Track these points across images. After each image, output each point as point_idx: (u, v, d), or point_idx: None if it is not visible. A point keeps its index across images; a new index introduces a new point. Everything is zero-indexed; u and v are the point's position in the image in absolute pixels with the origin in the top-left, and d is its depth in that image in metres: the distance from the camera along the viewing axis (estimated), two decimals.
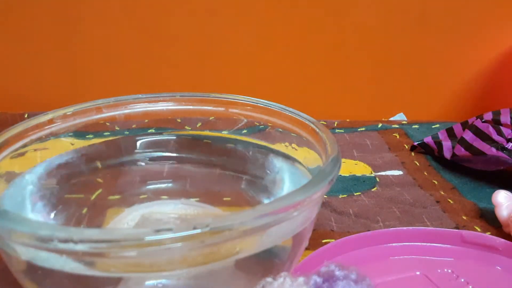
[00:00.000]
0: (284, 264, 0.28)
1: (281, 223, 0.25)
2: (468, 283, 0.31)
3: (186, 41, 0.65)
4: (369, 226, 0.39)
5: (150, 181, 0.38)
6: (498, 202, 0.38)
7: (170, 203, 0.37)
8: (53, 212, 0.33)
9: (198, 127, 0.41)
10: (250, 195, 0.37)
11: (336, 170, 0.28)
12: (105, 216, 0.36)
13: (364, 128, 0.59)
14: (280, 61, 0.67)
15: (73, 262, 0.23)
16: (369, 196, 0.44)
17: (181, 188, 0.39)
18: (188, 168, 0.40)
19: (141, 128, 0.40)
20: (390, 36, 0.66)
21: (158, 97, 0.39)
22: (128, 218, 0.35)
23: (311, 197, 0.25)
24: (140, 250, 0.22)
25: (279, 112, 0.36)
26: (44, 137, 0.35)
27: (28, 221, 0.23)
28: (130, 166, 0.39)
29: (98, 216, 0.36)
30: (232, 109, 0.39)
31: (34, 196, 0.33)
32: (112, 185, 0.38)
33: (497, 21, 0.66)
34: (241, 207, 0.37)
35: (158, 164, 0.39)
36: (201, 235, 0.22)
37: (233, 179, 0.39)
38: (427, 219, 0.40)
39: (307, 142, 0.34)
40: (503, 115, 0.48)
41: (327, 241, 0.36)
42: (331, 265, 0.24)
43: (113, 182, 0.38)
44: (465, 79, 0.69)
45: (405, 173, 0.49)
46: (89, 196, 0.36)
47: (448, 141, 0.51)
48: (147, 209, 0.36)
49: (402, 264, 0.33)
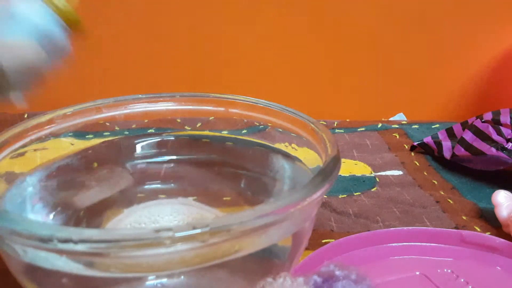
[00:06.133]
0: (284, 264, 0.28)
1: (281, 223, 0.25)
2: (468, 283, 0.31)
3: (186, 41, 0.65)
4: (369, 226, 0.39)
5: (148, 182, 0.38)
6: (498, 202, 0.38)
7: (168, 203, 0.37)
8: (52, 213, 0.33)
9: (198, 127, 0.41)
10: (249, 194, 0.37)
11: (336, 170, 0.28)
12: (104, 217, 0.36)
13: (364, 128, 0.59)
14: (280, 61, 0.67)
15: (73, 262, 0.23)
16: (369, 196, 0.44)
17: (180, 188, 0.38)
18: (187, 168, 0.40)
19: (141, 128, 0.40)
20: (390, 36, 0.66)
21: (158, 97, 0.39)
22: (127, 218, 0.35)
23: (311, 197, 0.25)
24: (140, 250, 0.22)
25: (279, 112, 0.36)
26: (44, 137, 0.35)
27: (28, 221, 0.23)
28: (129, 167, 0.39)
29: (97, 217, 0.36)
30: (232, 109, 0.39)
31: (34, 197, 0.33)
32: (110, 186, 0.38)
33: (497, 21, 0.66)
34: (240, 206, 0.37)
35: (156, 164, 0.39)
36: (201, 235, 0.22)
37: (232, 178, 0.39)
38: (427, 219, 0.40)
39: (307, 142, 0.34)
40: (503, 115, 0.48)
41: (327, 241, 0.36)
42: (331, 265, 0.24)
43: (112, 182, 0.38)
44: (465, 79, 0.69)
45: (405, 173, 0.49)
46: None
47: (448, 141, 0.51)
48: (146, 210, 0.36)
49: (402, 264, 0.33)
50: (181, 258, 0.23)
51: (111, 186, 0.37)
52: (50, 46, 0.21)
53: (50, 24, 0.21)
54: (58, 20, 0.22)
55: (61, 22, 0.22)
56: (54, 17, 0.22)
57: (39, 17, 0.21)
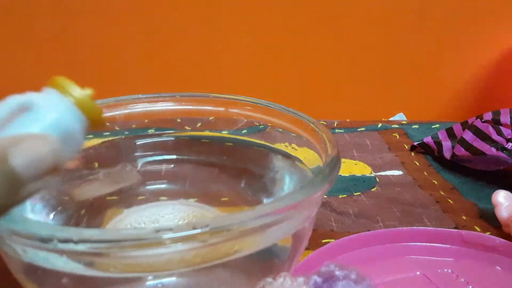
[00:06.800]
0: (284, 264, 0.28)
1: (280, 223, 0.25)
2: (468, 283, 0.31)
3: (186, 41, 0.65)
4: (369, 226, 0.39)
5: (148, 182, 0.38)
6: (498, 202, 0.38)
7: (168, 204, 0.37)
8: (52, 213, 0.33)
9: (198, 127, 0.41)
10: (249, 194, 0.37)
11: (336, 170, 0.28)
12: (104, 217, 0.36)
13: (364, 128, 0.59)
14: (280, 61, 0.67)
15: (73, 262, 0.23)
16: (369, 196, 0.44)
17: (180, 188, 0.39)
18: (187, 169, 0.40)
19: (141, 128, 0.40)
20: (390, 36, 0.66)
21: (158, 97, 0.39)
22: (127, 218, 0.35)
23: (311, 197, 0.25)
24: (140, 250, 0.22)
25: (279, 112, 0.36)
26: None
27: (29, 221, 0.23)
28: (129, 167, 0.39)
29: (97, 217, 0.36)
30: (232, 109, 0.39)
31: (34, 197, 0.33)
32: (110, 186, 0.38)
33: (497, 21, 0.66)
34: (240, 207, 0.37)
35: (156, 165, 0.39)
36: (201, 235, 0.22)
37: (232, 178, 0.39)
38: (427, 219, 0.40)
39: (307, 142, 0.34)
40: (503, 115, 0.48)
41: (327, 241, 0.36)
42: (331, 265, 0.24)
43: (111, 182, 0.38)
44: (465, 79, 0.69)
45: (405, 173, 0.49)
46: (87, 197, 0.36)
47: (448, 141, 0.51)
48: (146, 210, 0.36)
49: (402, 264, 0.33)
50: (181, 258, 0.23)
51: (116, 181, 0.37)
52: (68, 139, 0.20)
53: (69, 117, 0.20)
54: (77, 113, 0.21)
55: (81, 115, 0.21)
56: (75, 110, 0.21)
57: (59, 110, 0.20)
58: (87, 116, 0.21)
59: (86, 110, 0.21)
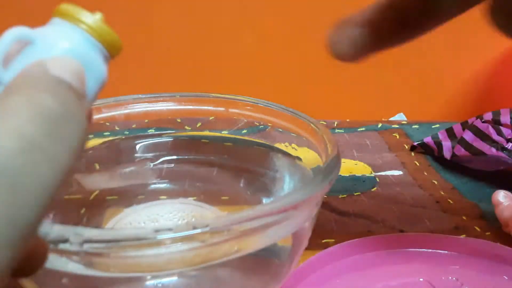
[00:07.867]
0: (284, 264, 0.28)
1: (280, 223, 0.25)
2: None
3: (186, 41, 0.65)
4: (369, 226, 0.39)
5: (148, 181, 0.38)
6: (498, 202, 0.38)
7: (168, 203, 0.37)
8: (52, 213, 0.33)
9: (198, 127, 0.41)
10: (249, 194, 0.37)
11: (336, 170, 0.28)
12: (104, 217, 0.36)
13: (364, 128, 0.59)
14: (280, 61, 0.67)
15: (73, 262, 0.23)
16: (369, 196, 0.44)
17: (180, 188, 0.38)
18: (187, 168, 0.40)
19: (141, 128, 0.40)
20: None
21: (158, 97, 0.39)
22: (127, 217, 0.35)
23: (311, 197, 0.25)
24: (140, 250, 0.22)
25: (279, 112, 0.36)
26: None
27: None
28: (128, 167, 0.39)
29: (97, 217, 0.36)
30: (232, 109, 0.39)
31: None
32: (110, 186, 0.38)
33: None
34: (240, 206, 0.37)
35: (156, 164, 0.39)
36: (200, 235, 0.22)
37: (232, 177, 0.39)
38: (427, 219, 0.40)
39: (307, 142, 0.34)
40: (503, 115, 0.48)
41: (327, 241, 0.36)
42: None
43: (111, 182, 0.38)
44: (465, 79, 0.69)
45: (405, 173, 0.49)
46: (87, 197, 0.36)
47: (448, 141, 0.51)
48: (146, 209, 0.36)
49: (405, 270, 0.33)
50: (181, 258, 0.23)
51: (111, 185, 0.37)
52: (88, 72, 0.18)
53: (86, 46, 0.18)
54: (94, 42, 0.19)
55: (98, 43, 0.19)
56: (91, 39, 0.19)
57: (71, 39, 0.18)
58: (104, 44, 0.19)
59: (103, 37, 0.19)
